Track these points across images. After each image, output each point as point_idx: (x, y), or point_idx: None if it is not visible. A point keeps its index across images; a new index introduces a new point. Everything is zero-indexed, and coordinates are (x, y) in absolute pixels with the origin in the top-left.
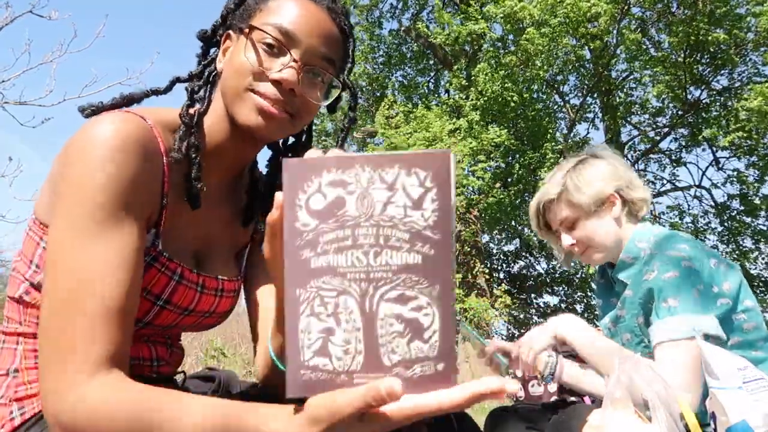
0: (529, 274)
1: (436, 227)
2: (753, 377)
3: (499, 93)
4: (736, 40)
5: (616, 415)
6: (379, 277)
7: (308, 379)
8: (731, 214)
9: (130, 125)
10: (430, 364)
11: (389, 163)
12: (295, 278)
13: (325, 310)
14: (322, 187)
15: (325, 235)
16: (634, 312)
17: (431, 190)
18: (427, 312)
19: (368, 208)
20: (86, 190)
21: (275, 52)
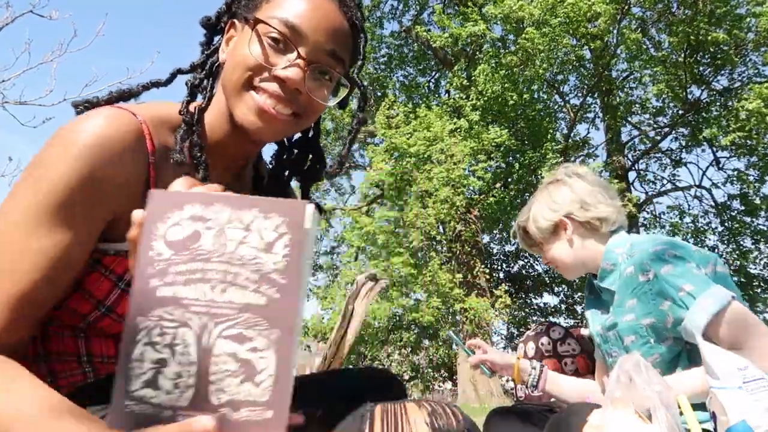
0: (528, 274)
1: (284, 272)
2: (753, 377)
3: (499, 93)
4: (736, 41)
5: (617, 415)
6: (221, 313)
7: (131, 411)
8: (731, 214)
9: (113, 126)
10: (258, 410)
11: (249, 206)
12: (140, 305)
13: (162, 341)
14: (182, 220)
15: (175, 266)
16: (638, 314)
17: (284, 235)
18: (263, 355)
19: (222, 246)
20: (42, 184)
21: (281, 47)
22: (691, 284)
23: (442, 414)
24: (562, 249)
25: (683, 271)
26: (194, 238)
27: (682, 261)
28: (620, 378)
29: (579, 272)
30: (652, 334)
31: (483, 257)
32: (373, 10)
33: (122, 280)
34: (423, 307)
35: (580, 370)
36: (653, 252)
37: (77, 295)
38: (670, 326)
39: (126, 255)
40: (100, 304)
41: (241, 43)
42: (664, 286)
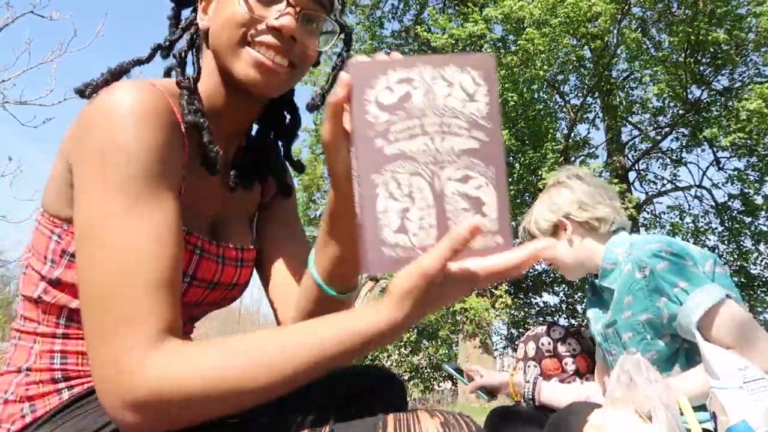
0: (529, 273)
1: (488, 118)
2: (753, 377)
3: (499, 93)
4: (736, 41)
5: (617, 415)
6: (445, 159)
7: (390, 257)
8: (732, 214)
9: (148, 94)
10: (490, 236)
11: (446, 62)
12: (371, 165)
13: (400, 192)
14: (391, 84)
15: (395, 125)
16: (635, 311)
17: (481, 86)
18: (486, 190)
19: (432, 101)
20: (118, 159)
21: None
22: (686, 281)
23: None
24: (562, 249)
25: (678, 268)
26: (406, 98)
27: (678, 258)
28: (620, 378)
29: (579, 272)
30: (649, 331)
31: None
32: (373, 10)
33: (196, 247)
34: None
35: (581, 370)
36: (650, 249)
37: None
38: (666, 322)
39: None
40: (185, 275)
41: (225, 3)
42: (659, 283)
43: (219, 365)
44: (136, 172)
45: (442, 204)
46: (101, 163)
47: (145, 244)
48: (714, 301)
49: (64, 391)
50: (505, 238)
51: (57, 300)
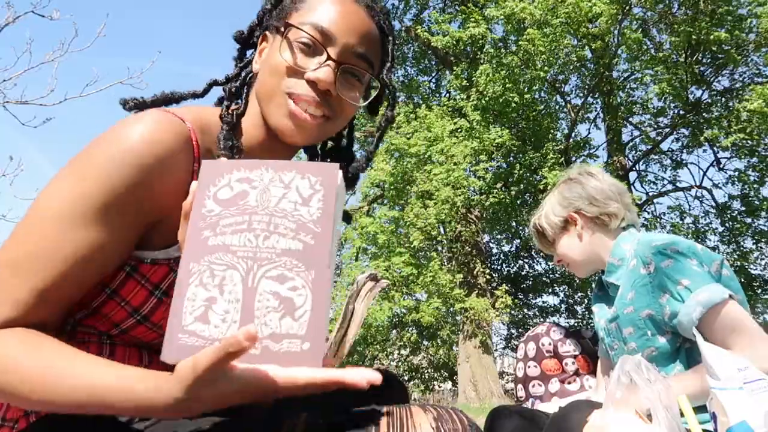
0: (529, 274)
1: (318, 222)
2: (754, 378)
3: (500, 93)
4: (737, 41)
5: (618, 415)
6: (264, 257)
7: (183, 344)
8: (732, 214)
9: (164, 131)
10: (297, 342)
11: (288, 168)
12: (193, 253)
13: (212, 281)
14: (231, 182)
15: (225, 219)
16: (637, 307)
17: (318, 192)
18: (301, 293)
19: (266, 201)
20: (86, 182)
21: (311, 51)
22: (690, 279)
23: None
24: (572, 244)
25: (683, 266)
26: (242, 196)
27: (683, 257)
28: (621, 378)
29: (588, 268)
30: (650, 327)
31: (483, 257)
32: None
33: (159, 289)
34: (423, 308)
35: (581, 370)
36: (655, 246)
37: (112, 302)
38: (668, 319)
39: (163, 263)
40: (136, 312)
41: (273, 51)
42: (663, 280)
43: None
44: (93, 198)
45: (252, 300)
46: (74, 175)
47: (59, 254)
48: (716, 300)
49: None
50: (314, 344)
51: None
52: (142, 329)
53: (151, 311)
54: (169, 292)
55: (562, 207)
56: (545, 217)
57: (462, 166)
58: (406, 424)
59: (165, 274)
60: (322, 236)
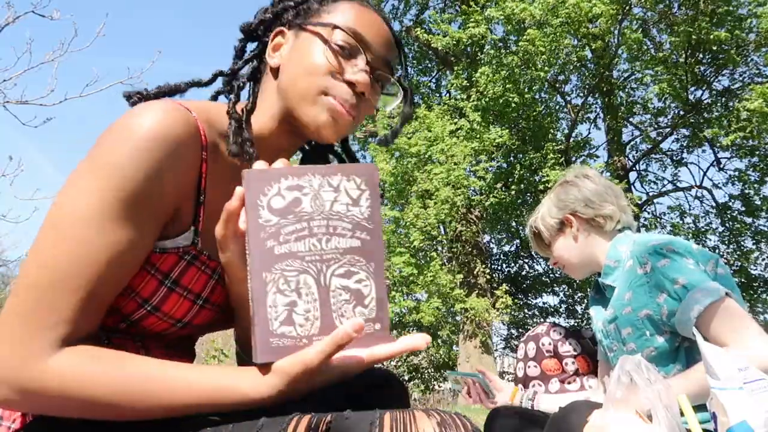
0: (529, 274)
1: (370, 219)
2: (754, 378)
3: (500, 94)
4: (737, 41)
5: (618, 416)
6: (330, 257)
7: (276, 346)
8: (732, 214)
9: (173, 119)
10: (370, 325)
11: (333, 171)
12: (263, 264)
13: (288, 287)
14: (282, 191)
15: (285, 228)
16: (635, 307)
17: (365, 191)
18: (366, 284)
19: (320, 206)
20: (107, 176)
21: (348, 54)
22: (686, 278)
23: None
24: (568, 246)
25: (679, 265)
26: (296, 203)
27: (679, 256)
28: (621, 378)
29: (584, 270)
30: (648, 327)
31: (483, 257)
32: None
33: (168, 278)
34: (423, 308)
35: (581, 370)
36: (651, 246)
37: (120, 295)
38: (666, 319)
39: (172, 252)
40: (146, 303)
41: (308, 50)
42: (660, 279)
43: (107, 385)
44: (118, 193)
45: (327, 297)
46: (95, 170)
47: (94, 259)
48: (713, 298)
49: None
50: (383, 325)
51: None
52: (153, 319)
53: (162, 301)
54: (179, 281)
55: (558, 209)
56: (541, 219)
57: (462, 166)
58: (410, 429)
59: (174, 263)
60: (375, 231)
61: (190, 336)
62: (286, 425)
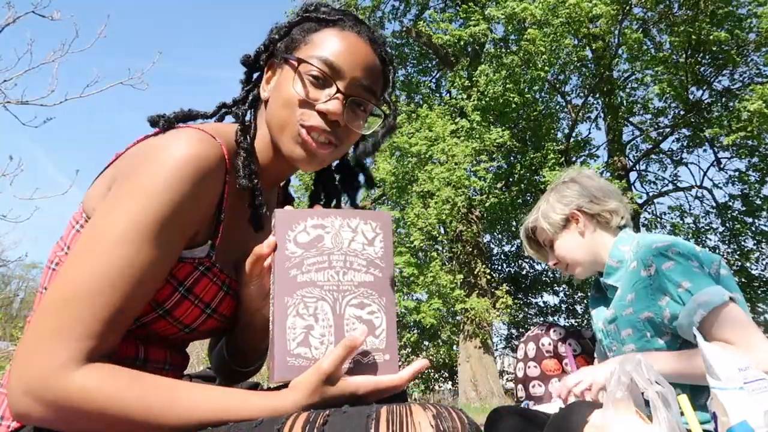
0: (529, 274)
1: (383, 259)
2: (754, 378)
3: (500, 93)
4: (737, 41)
5: (618, 416)
6: (346, 288)
7: (292, 365)
8: (732, 214)
9: (204, 148)
10: (380, 354)
11: (353, 215)
12: (285, 289)
13: (307, 312)
14: (307, 228)
15: (308, 259)
16: (637, 309)
17: (379, 234)
18: (378, 316)
19: (339, 243)
20: (143, 201)
21: (320, 83)
22: (690, 281)
23: (446, 417)
24: (573, 242)
25: (684, 268)
26: (319, 239)
27: (684, 259)
28: (621, 378)
29: (588, 269)
30: (649, 329)
31: (484, 257)
32: (374, 11)
33: (182, 285)
34: (424, 308)
35: None
36: (656, 248)
37: None
38: (667, 322)
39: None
40: (159, 307)
41: (284, 83)
42: (663, 282)
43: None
44: (153, 216)
45: (342, 324)
46: (133, 194)
47: (128, 277)
48: (716, 303)
49: None
50: (392, 355)
51: None
52: (164, 324)
53: (175, 306)
54: (192, 289)
55: (563, 205)
56: (544, 216)
57: (463, 166)
58: (406, 422)
59: (189, 272)
60: (387, 270)
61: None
62: (285, 420)
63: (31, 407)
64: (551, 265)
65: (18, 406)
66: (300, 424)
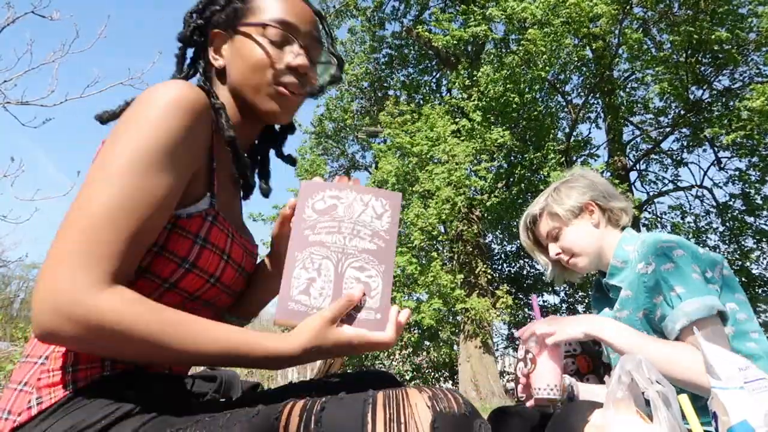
0: (529, 273)
1: (387, 232)
2: (754, 377)
3: (501, 93)
4: (737, 40)
5: (618, 415)
6: (350, 252)
7: (292, 309)
8: (733, 213)
9: (193, 91)
10: (372, 312)
11: (366, 192)
12: (297, 245)
13: (312, 266)
14: (325, 197)
15: (321, 223)
16: (635, 307)
17: (388, 211)
18: (375, 280)
19: (351, 213)
20: (148, 132)
21: (282, 43)
22: (684, 287)
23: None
24: (585, 231)
25: (682, 272)
26: (333, 209)
27: (684, 262)
28: (622, 378)
29: (592, 262)
30: (646, 326)
31: (484, 257)
32: (374, 11)
33: (199, 237)
34: (424, 308)
35: (581, 370)
36: (659, 248)
37: (160, 258)
38: (658, 321)
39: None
40: (185, 261)
41: (247, 49)
42: (659, 282)
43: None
44: (156, 144)
45: (341, 282)
46: (132, 129)
47: (140, 200)
48: (701, 315)
49: (69, 384)
50: (383, 315)
51: None
52: (191, 277)
53: (197, 257)
54: (208, 238)
55: (578, 194)
56: (558, 202)
57: (464, 166)
58: (403, 405)
59: (200, 224)
60: (390, 242)
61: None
62: (282, 407)
63: (60, 325)
64: (553, 256)
65: (46, 324)
66: (297, 412)
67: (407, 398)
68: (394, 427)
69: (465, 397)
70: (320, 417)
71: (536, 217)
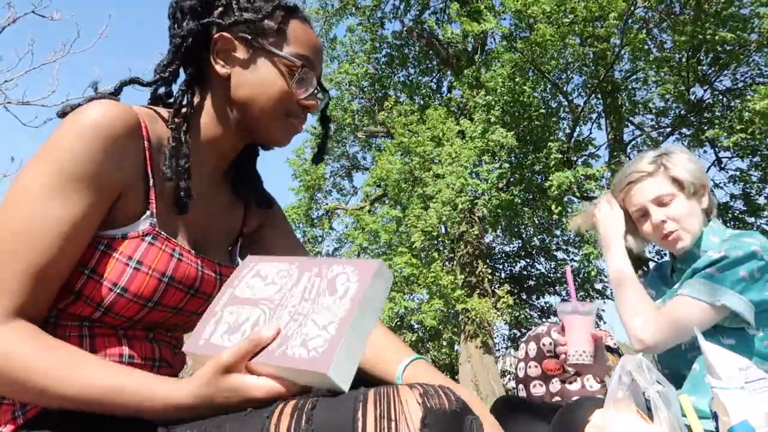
0: (531, 274)
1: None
2: (755, 377)
3: (504, 93)
4: (739, 41)
5: (619, 415)
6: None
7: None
8: (734, 214)
9: (120, 111)
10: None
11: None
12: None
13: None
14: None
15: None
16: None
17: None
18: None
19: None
20: (56, 157)
21: (303, 80)
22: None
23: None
24: (695, 211)
25: (736, 263)
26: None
27: (748, 260)
28: (622, 378)
29: (690, 244)
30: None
31: (485, 257)
32: (375, 11)
33: (132, 260)
34: (424, 308)
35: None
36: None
37: (92, 282)
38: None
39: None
40: (116, 286)
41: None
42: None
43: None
44: (67, 170)
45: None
46: (45, 154)
47: (41, 230)
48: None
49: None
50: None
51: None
52: (123, 302)
53: (129, 281)
54: (143, 261)
55: (700, 172)
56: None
57: (466, 172)
58: (394, 401)
59: (137, 246)
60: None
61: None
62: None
63: None
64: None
65: None
66: (288, 411)
67: (398, 395)
68: (384, 425)
69: (456, 393)
70: (311, 415)
71: (645, 175)
